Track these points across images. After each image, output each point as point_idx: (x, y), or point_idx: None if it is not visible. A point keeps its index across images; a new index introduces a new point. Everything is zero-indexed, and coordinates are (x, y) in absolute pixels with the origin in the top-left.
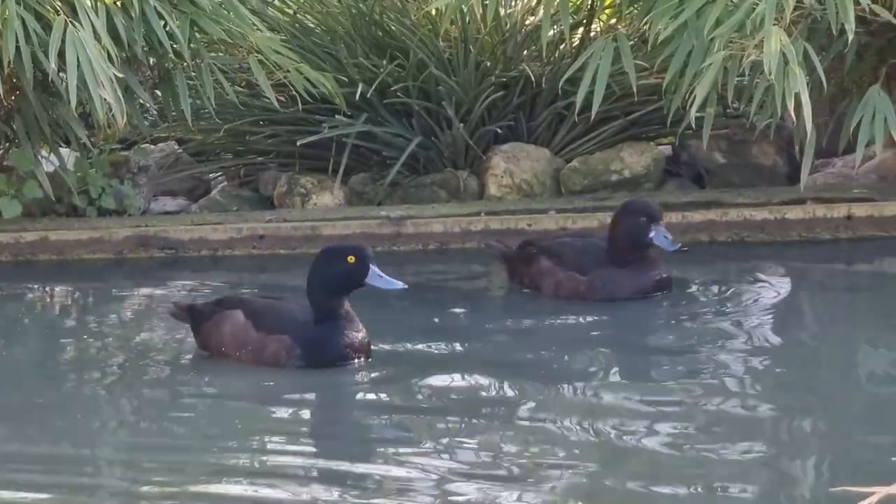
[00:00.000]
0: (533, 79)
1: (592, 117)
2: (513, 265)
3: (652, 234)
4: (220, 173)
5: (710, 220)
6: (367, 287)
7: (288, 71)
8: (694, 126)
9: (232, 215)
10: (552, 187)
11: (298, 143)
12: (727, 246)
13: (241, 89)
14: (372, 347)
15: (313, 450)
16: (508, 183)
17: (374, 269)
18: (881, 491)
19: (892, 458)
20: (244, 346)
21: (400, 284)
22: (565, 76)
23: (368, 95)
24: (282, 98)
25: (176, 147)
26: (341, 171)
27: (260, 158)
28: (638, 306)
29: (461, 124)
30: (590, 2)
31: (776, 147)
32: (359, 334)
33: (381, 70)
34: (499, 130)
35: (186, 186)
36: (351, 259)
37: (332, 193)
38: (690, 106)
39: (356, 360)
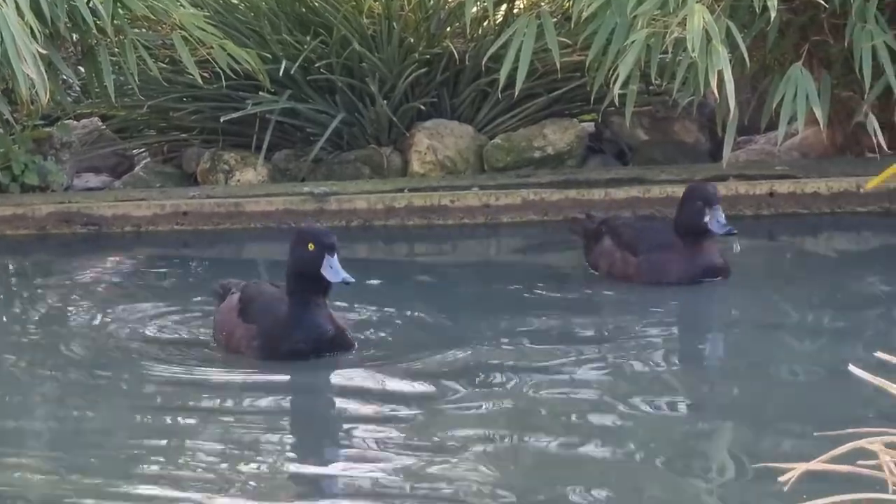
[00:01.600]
0: (456, 56)
1: (516, 94)
2: (588, 243)
3: (706, 219)
4: (143, 150)
5: (633, 197)
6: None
7: (211, 47)
8: (617, 103)
9: (155, 192)
10: (475, 164)
11: (222, 120)
12: None
13: (164, 66)
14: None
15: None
16: (432, 160)
17: (328, 258)
18: (800, 467)
19: (815, 434)
20: (223, 330)
21: (342, 277)
22: (489, 53)
23: (292, 72)
24: (205, 74)
25: (99, 123)
26: (265, 147)
27: (183, 135)
28: (684, 292)
29: (385, 101)
30: None
31: (698, 124)
32: (324, 328)
33: (305, 47)
34: (422, 107)
35: (110, 163)
36: (311, 245)
37: (255, 170)
38: (613, 83)
39: (324, 355)
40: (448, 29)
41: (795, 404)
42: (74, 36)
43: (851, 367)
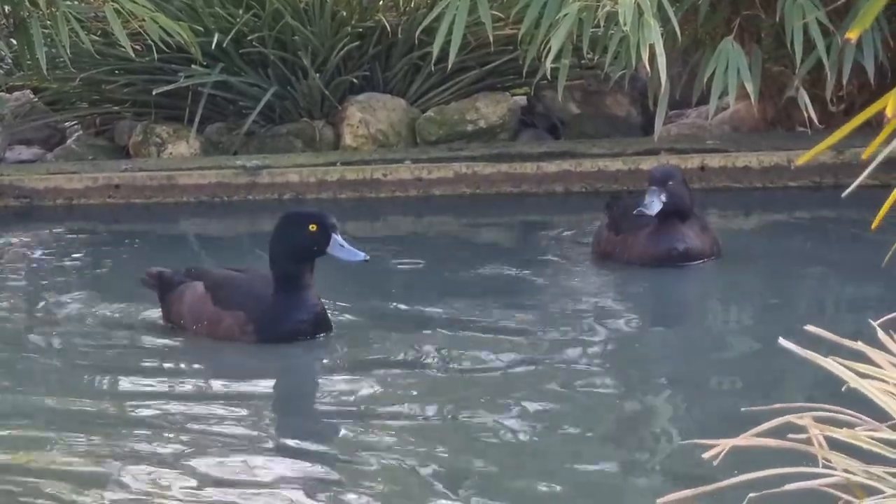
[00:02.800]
0: (389, 29)
1: (449, 68)
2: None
3: (645, 202)
4: (75, 122)
5: (565, 171)
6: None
7: (143, 20)
8: (549, 77)
9: (87, 164)
10: (408, 137)
11: (154, 93)
12: (581, 196)
13: (96, 38)
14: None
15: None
16: (364, 133)
17: (336, 238)
18: (727, 443)
19: (742, 409)
20: (201, 320)
21: (362, 255)
22: (421, 26)
23: (224, 45)
24: (137, 47)
25: (31, 96)
26: (197, 120)
27: (116, 108)
28: (637, 272)
29: (317, 74)
30: None
31: (630, 98)
32: (318, 308)
33: (237, 20)
34: (355, 80)
35: (42, 135)
36: (313, 227)
37: (187, 143)
38: (546, 57)
39: (317, 336)
40: (380, 2)
41: (727, 380)
42: (6, 8)
43: (782, 341)
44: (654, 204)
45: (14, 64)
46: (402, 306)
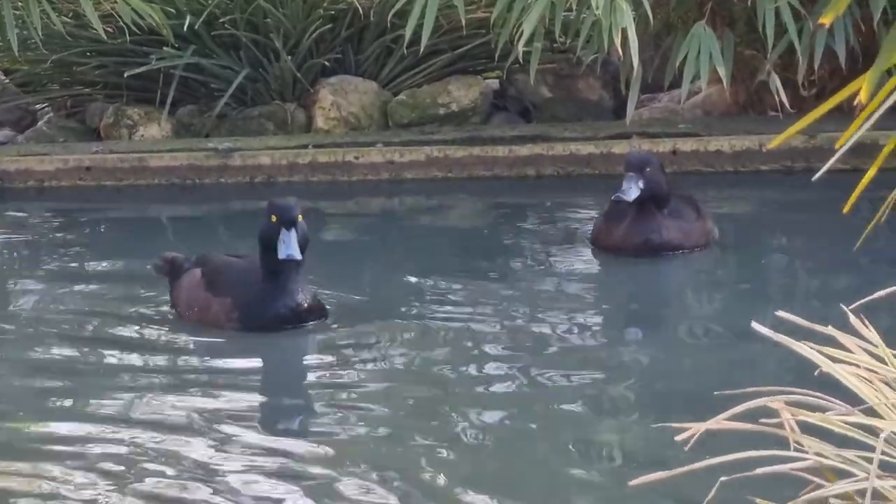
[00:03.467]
0: (361, 11)
1: (421, 51)
2: None
3: (622, 189)
4: (46, 104)
5: (537, 155)
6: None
7: (115, 2)
8: (521, 60)
9: (58, 146)
10: (380, 120)
11: (126, 75)
12: (554, 180)
13: (67, 20)
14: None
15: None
16: (336, 116)
17: (284, 233)
18: (699, 426)
19: (714, 393)
20: (193, 306)
21: (294, 256)
22: (394, 9)
23: (196, 27)
24: (109, 29)
25: (2, 77)
26: (168, 102)
27: (87, 90)
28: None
29: (289, 57)
30: None
31: (602, 82)
32: (300, 296)
33: (209, 2)
34: (327, 63)
35: (12, 117)
36: (273, 218)
37: (159, 125)
38: (518, 40)
39: (304, 324)
40: None
41: (700, 364)
42: None
43: (755, 326)
44: (632, 190)
45: None
46: (373, 291)
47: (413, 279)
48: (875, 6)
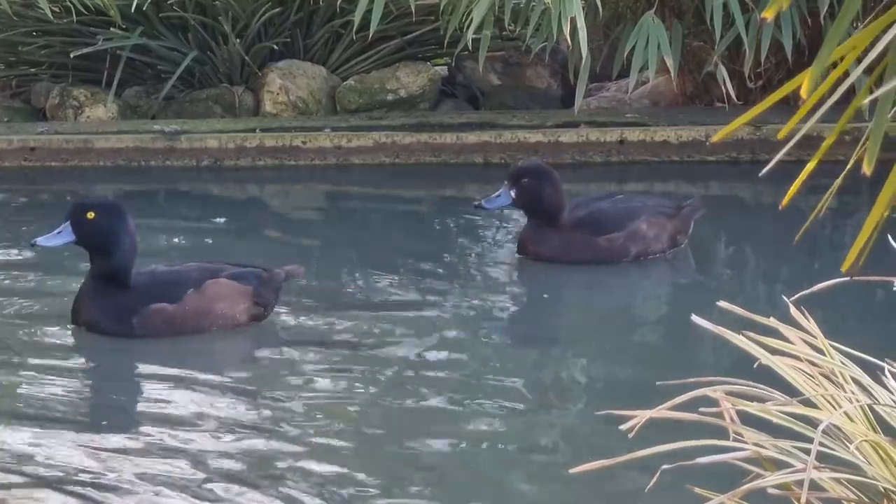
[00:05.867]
0: None
1: (370, 36)
2: None
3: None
4: None
5: (485, 142)
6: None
7: None
8: (470, 47)
9: (3, 127)
10: (328, 105)
11: (72, 55)
12: (501, 167)
13: None
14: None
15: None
16: (284, 100)
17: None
18: (644, 414)
19: (657, 383)
20: None
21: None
22: None
23: (144, 8)
24: (56, 9)
25: None
26: (115, 84)
27: (33, 70)
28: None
29: (237, 40)
30: None
31: (551, 70)
32: (81, 298)
33: None
34: (275, 47)
35: None
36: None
37: (105, 107)
38: (467, 28)
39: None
40: None
41: (641, 355)
42: None
43: (694, 318)
44: (496, 199)
45: None
46: (317, 278)
47: (358, 265)
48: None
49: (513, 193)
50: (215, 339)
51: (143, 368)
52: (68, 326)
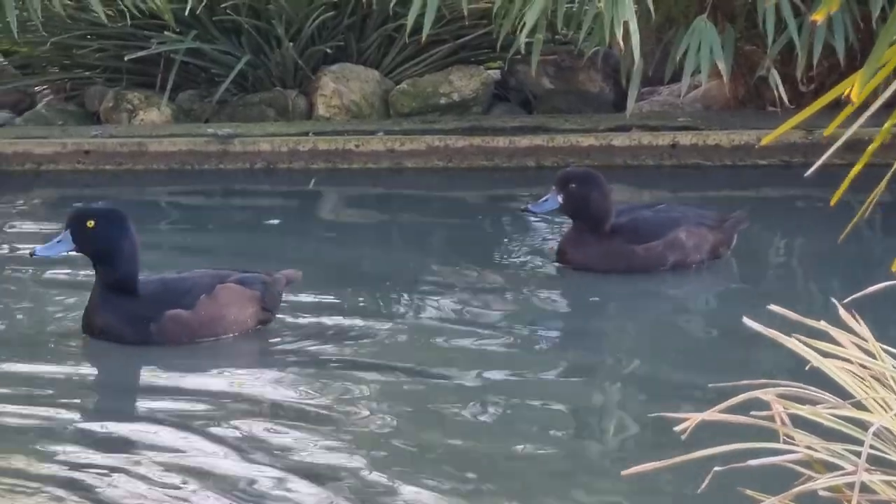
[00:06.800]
0: (364, 0)
1: (423, 40)
2: None
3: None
4: (45, 87)
5: (537, 146)
6: None
7: None
8: (523, 51)
9: (57, 129)
10: (381, 109)
11: (126, 59)
12: (554, 171)
13: (68, 2)
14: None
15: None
16: (337, 103)
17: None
18: (696, 417)
19: (708, 385)
20: None
21: (36, 250)
22: None
23: (198, 12)
24: (110, 12)
25: (1, 59)
26: (169, 87)
27: (87, 73)
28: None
29: (291, 43)
30: None
31: (603, 74)
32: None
33: None
34: (328, 51)
35: (11, 99)
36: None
37: (159, 110)
38: (520, 31)
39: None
40: None
41: (695, 359)
42: None
43: (746, 321)
44: (543, 203)
45: None
46: (364, 280)
47: (409, 269)
48: (874, 3)
49: (560, 198)
50: (231, 343)
51: (162, 376)
52: (81, 335)
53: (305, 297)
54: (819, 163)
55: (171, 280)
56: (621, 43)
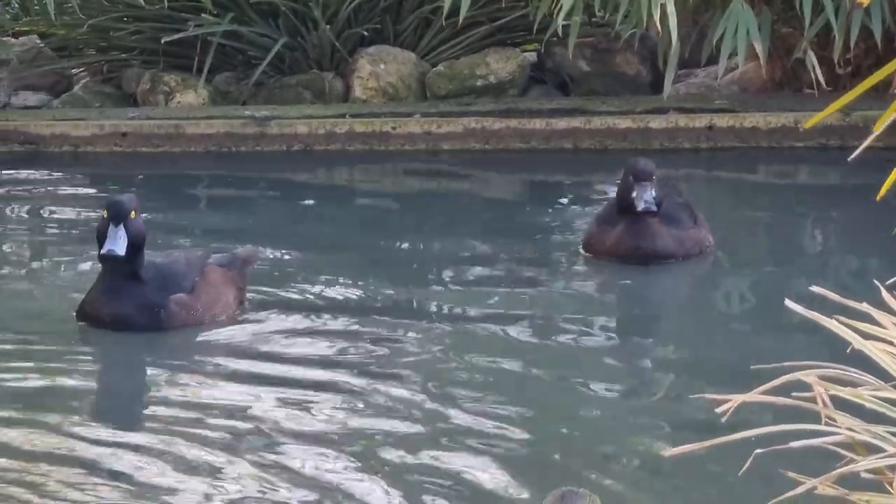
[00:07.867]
0: None
1: (460, 22)
2: None
3: (634, 194)
4: (82, 69)
5: (574, 128)
6: None
7: None
8: (560, 34)
9: (94, 111)
10: (417, 91)
11: (163, 41)
12: (591, 153)
13: None
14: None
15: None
16: (374, 86)
17: (111, 229)
18: (737, 398)
19: (750, 367)
20: None
21: (106, 249)
22: None
23: None
24: None
25: (38, 41)
26: (206, 69)
27: (124, 55)
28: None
29: (327, 26)
30: None
31: (640, 56)
32: (123, 302)
33: None
34: (365, 33)
35: (48, 81)
36: (105, 213)
37: (196, 92)
38: (557, 14)
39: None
40: None
41: (736, 339)
42: None
43: (788, 302)
44: (652, 197)
45: (21, 8)
46: (405, 262)
47: (445, 251)
48: None
49: (653, 191)
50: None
51: (173, 361)
52: (79, 324)
53: (339, 279)
54: (861, 148)
55: (163, 265)
56: (658, 25)
